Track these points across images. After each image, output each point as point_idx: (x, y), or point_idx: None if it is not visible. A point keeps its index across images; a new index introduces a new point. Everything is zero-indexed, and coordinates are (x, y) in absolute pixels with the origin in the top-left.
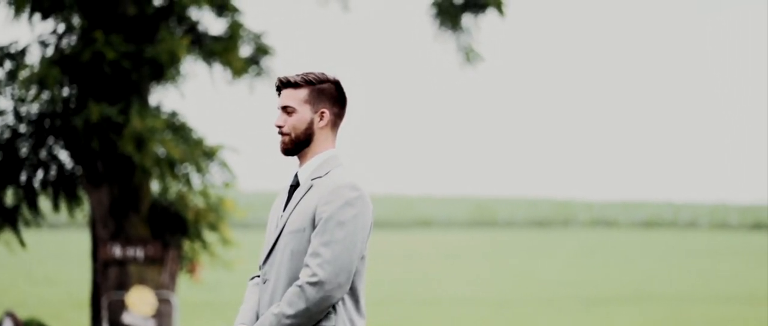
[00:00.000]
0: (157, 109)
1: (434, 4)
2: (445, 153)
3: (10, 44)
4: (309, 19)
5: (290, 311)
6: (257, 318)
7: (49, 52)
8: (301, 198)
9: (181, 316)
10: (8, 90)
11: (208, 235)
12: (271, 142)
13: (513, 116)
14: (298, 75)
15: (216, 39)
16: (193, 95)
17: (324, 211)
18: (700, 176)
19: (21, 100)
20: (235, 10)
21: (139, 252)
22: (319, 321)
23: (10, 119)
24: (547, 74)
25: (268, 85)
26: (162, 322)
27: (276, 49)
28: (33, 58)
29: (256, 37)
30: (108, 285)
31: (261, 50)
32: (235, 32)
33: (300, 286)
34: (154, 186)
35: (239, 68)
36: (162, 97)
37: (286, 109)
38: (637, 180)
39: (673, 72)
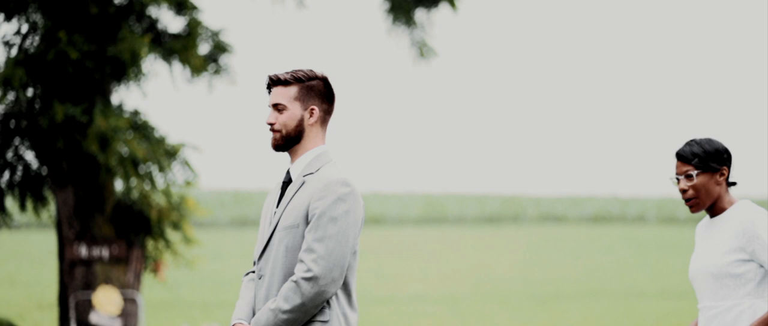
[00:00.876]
0: (120, 108)
1: None
2: (395, 149)
3: None
4: (265, 17)
5: (286, 306)
6: (253, 313)
7: (13, 52)
8: (294, 195)
9: (149, 315)
10: None
11: (171, 234)
12: (230, 141)
13: (461, 112)
14: (287, 73)
15: (175, 37)
16: (154, 94)
17: (317, 207)
18: (646, 170)
19: None
20: (193, 7)
21: (104, 252)
22: (314, 315)
23: None
24: (494, 70)
25: (227, 83)
26: (128, 321)
27: (234, 46)
28: None
29: (215, 35)
30: (75, 285)
31: (219, 48)
32: (193, 30)
33: (295, 282)
34: (118, 185)
35: (198, 66)
36: (124, 96)
37: (277, 107)
38: (583, 175)
39: (619, 65)
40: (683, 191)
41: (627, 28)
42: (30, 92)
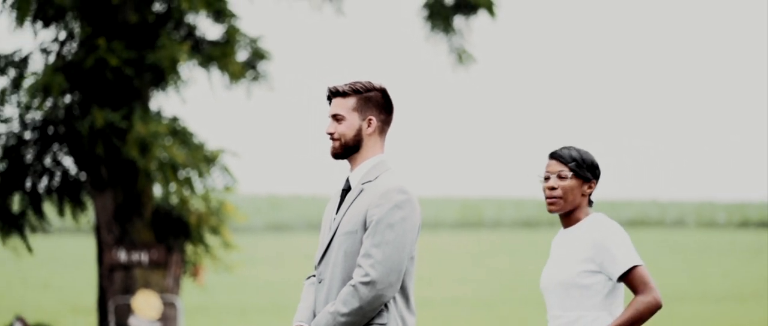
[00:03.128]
0: (159, 114)
1: (426, 6)
2: (432, 154)
3: (14, 53)
4: (304, 23)
5: (345, 309)
6: (314, 316)
7: (51, 59)
8: (353, 202)
9: (186, 320)
10: (13, 98)
11: (210, 239)
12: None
13: (499, 116)
14: (346, 84)
15: (213, 44)
16: (192, 100)
17: (374, 214)
18: (685, 174)
19: (26, 108)
20: (231, 15)
21: (143, 257)
22: (372, 318)
23: (15, 126)
24: (531, 74)
25: (265, 89)
26: (167, 325)
27: (272, 53)
28: (35, 65)
29: (253, 42)
30: (114, 289)
31: (257, 55)
32: (231, 37)
33: (354, 286)
34: (157, 191)
35: (236, 73)
36: (162, 102)
37: (336, 117)
38: (622, 179)
39: (660, 70)
40: (552, 188)
41: (664, 31)
42: (67, 98)
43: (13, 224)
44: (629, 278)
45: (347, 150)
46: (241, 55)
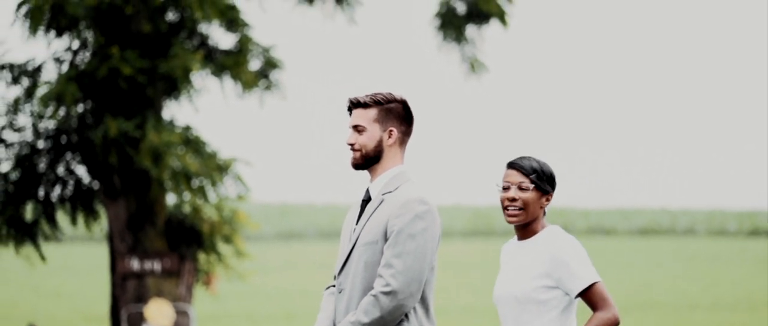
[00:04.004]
0: (172, 123)
1: (438, 15)
2: (442, 162)
3: (28, 62)
4: (316, 33)
5: (366, 319)
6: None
7: (64, 68)
8: (373, 212)
9: None
10: (26, 107)
11: (223, 247)
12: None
13: (510, 124)
14: (367, 96)
15: (226, 53)
16: (205, 109)
17: (395, 224)
18: (696, 182)
19: (39, 117)
20: (244, 24)
21: (156, 265)
22: None
23: (28, 135)
24: (543, 83)
25: (278, 98)
26: None
27: (284, 62)
28: (49, 74)
29: (265, 51)
30: (126, 297)
31: (270, 64)
32: (244, 46)
33: (374, 295)
34: (169, 199)
35: (249, 82)
36: (175, 111)
37: (357, 128)
38: (633, 187)
39: (671, 79)
40: (512, 200)
41: (674, 41)
42: (81, 108)
43: (26, 233)
44: (588, 294)
45: (368, 161)
46: (254, 64)
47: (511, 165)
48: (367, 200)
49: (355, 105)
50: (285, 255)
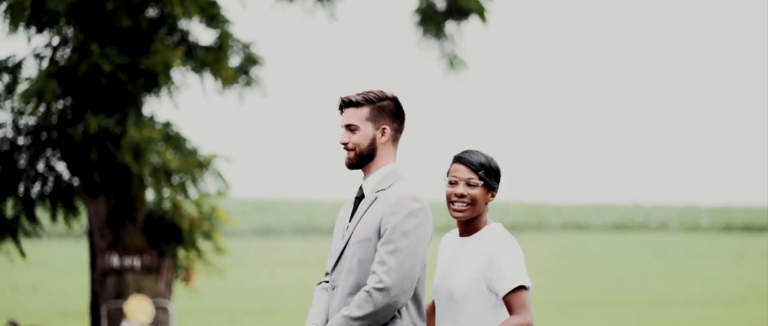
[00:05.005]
0: (152, 119)
1: (418, 11)
2: (418, 159)
3: (8, 58)
4: (297, 29)
5: (358, 313)
6: (327, 320)
7: (44, 64)
8: (367, 210)
9: (177, 324)
10: (6, 103)
11: (202, 244)
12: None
13: (484, 120)
14: (359, 94)
15: (206, 49)
16: (185, 105)
17: (389, 222)
18: (669, 178)
19: (20, 113)
20: (224, 20)
21: (136, 262)
22: (386, 324)
23: (8, 132)
24: (517, 80)
25: (258, 95)
26: None
27: (265, 58)
28: (29, 71)
29: (245, 47)
30: (106, 294)
31: (250, 60)
32: (224, 43)
33: (368, 291)
34: (149, 195)
35: (229, 78)
36: (155, 107)
37: (350, 127)
38: (606, 183)
39: (643, 75)
40: (461, 196)
41: (650, 37)
42: (61, 104)
43: (6, 229)
44: (510, 297)
45: (362, 159)
46: (234, 61)
47: (459, 160)
48: (360, 197)
49: (346, 104)
50: (261, 251)
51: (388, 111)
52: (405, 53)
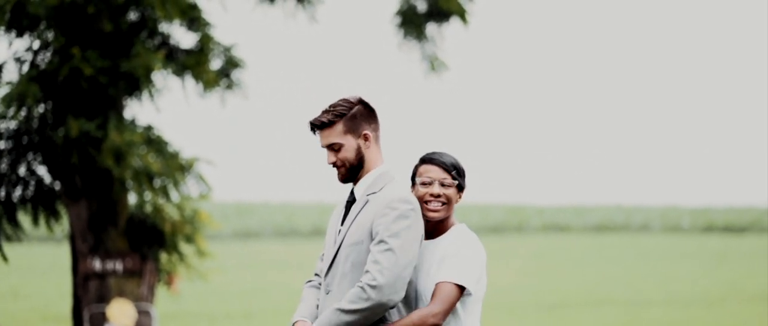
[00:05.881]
0: (133, 123)
1: (399, 13)
2: (399, 160)
3: None
4: (278, 32)
5: (350, 307)
6: (315, 319)
7: (25, 68)
8: (358, 213)
9: None
10: None
11: (185, 247)
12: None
13: (465, 122)
14: (327, 113)
15: (187, 52)
16: (166, 108)
17: (380, 224)
18: (650, 179)
19: (0, 117)
20: (205, 23)
21: (118, 265)
22: (375, 323)
23: None
24: (499, 81)
25: (240, 97)
26: None
27: (246, 61)
28: (9, 75)
29: (227, 50)
30: (88, 298)
31: (231, 63)
32: (205, 46)
33: (362, 287)
34: (131, 199)
35: (210, 81)
36: (137, 111)
37: (332, 147)
38: (587, 184)
39: (625, 77)
40: (436, 196)
41: (631, 38)
42: (42, 108)
43: None
44: (439, 285)
45: (353, 170)
46: (215, 64)
47: (430, 161)
48: (352, 201)
49: (318, 127)
50: (242, 254)
51: (362, 116)
52: (386, 55)
